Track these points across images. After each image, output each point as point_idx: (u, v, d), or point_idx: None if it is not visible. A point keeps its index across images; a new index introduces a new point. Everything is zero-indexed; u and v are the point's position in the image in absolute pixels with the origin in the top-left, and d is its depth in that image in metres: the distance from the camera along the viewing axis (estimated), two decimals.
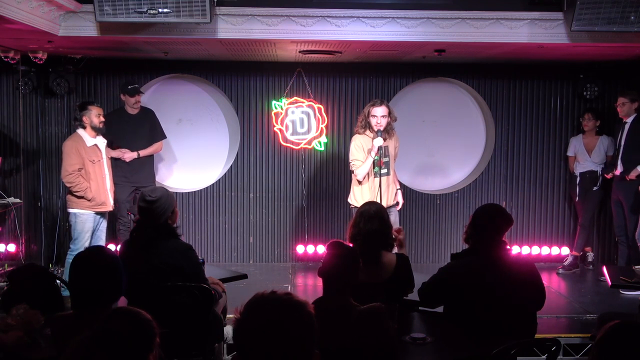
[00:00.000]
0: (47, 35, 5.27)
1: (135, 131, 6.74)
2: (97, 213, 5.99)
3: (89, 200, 5.88)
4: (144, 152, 6.74)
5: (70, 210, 5.99)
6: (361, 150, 5.69)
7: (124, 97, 6.74)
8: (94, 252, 3.19)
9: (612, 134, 7.08)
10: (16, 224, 7.12)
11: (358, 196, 5.73)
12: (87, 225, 5.94)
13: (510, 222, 3.73)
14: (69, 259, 5.91)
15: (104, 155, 6.08)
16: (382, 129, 5.59)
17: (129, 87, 6.70)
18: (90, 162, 5.92)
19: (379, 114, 5.60)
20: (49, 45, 5.93)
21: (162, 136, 6.96)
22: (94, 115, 5.95)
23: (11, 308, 3.29)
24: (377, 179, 5.58)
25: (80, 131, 5.97)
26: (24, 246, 7.27)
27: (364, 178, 5.66)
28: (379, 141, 5.53)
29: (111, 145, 6.82)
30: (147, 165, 6.87)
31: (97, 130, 5.99)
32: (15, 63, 6.50)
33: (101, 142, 6.08)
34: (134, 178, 6.71)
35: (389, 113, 5.66)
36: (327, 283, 3.10)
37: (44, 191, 7.38)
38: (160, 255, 3.97)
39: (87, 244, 5.94)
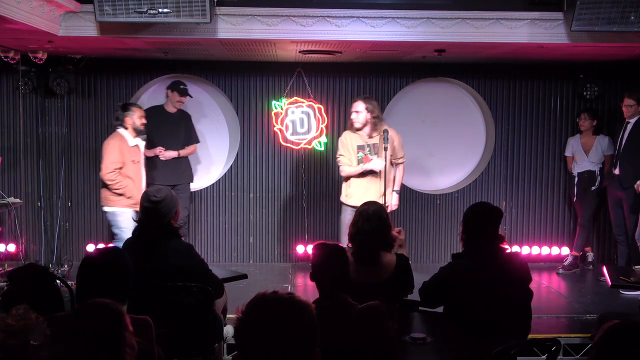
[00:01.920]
0: (47, 35, 5.27)
1: (172, 130, 6.77)
2: (135, 211, 5.94)
3: (128, 198, 5.90)
4: (184, 152, 6.80)
5: (108, 209, 6.00)
6: (346, 146, 5.86)
7: (171, 93, 6.75)
8: (108, 253, 3.20)
9: (612, 133, 7.09)
10: (16, 224, 7.12)
11: (345, 191, 5.93)
12: (128, 222, 5.82)
13: (499, 214, 3.75)
14: None
15: (142, 156, 6.18)
16: (359, 124, 5.74)
17: (181, 86, 6.75)
18: (131, 161, 5.99)
19: (353, 109, 5.80)
20: (49, 45, 5.93)
21: (196, 140, 7.03)
22: (137, 117, 6.03)
23: (11, 308, 3.29)
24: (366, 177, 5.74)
25: (121, 130, 6.02)
26: (24, 246, 7.27)
27: (348, 178, 5.88)
28: (380, 164, 5.66)
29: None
30: (184, 164, 6.90)
31: (138, 132, 6.07)
32: (15, 63, 6.50)
33: (141, 142, 6.17)
34: (170, 178, 6.69)
35: (366, 108, 5.75)
36: (320, 285, 3.09)
37: (44, 191, 7.38)
38: (162, 255, 3.98)
39: None
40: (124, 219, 5.91)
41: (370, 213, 3.86)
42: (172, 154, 6.69)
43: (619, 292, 6.17)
